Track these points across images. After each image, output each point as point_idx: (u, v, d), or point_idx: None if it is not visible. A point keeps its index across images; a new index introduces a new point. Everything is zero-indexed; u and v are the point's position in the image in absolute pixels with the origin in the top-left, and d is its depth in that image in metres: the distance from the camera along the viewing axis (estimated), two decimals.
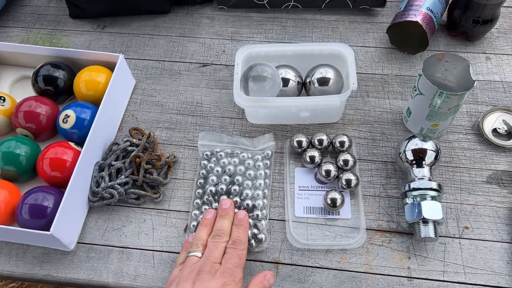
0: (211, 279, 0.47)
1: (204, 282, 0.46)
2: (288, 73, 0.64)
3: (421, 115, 0.60)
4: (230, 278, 0.47)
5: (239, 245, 0.51)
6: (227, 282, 0.46)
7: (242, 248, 0.51)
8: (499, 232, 0.56)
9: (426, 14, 0.67)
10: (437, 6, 0.68)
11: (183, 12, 0.80)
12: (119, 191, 0.59)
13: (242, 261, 0.50)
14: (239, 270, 0.49)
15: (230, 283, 0.47)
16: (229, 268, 0.48)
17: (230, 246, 0.51)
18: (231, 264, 0.49)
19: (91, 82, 0.65)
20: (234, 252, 0.50)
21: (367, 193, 0.60)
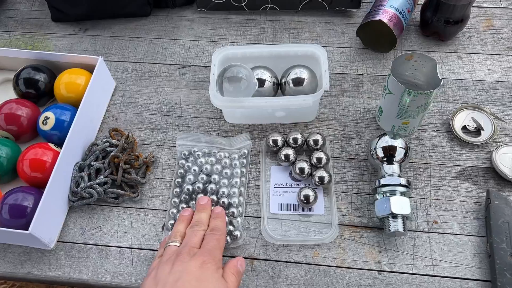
0: (190, 259, 0.47)
1: (184, 262, 0.47)
2: (264, 74, 0.66)
3: (392, 114, 0.62)
4: (209, 257, 0.48)
5: (217, 231, 0.52)
6: (206, 260, 0.47)
7: (220, 233, 0.52)
8: (466, 226, 0.58)
9: (390, 12, 0.69)
10: (402, 3, 0.70)
11: (163, 14, 0.82)
12: (98, 190, 0.60)
13: (220, 245, 0.51)
14: (218, 252, 0.50)
15: (210, 261, 0.47)
16: (208, 249, 0.49)
17: (209, 233, 0.52)
18: (209, 246, 0.50)
19: (71, 84, 0.67)
20: (212, 237, 0.51)
21: (340, 190, 0.61)
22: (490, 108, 0.67)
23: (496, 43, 0.74)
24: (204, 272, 0.46)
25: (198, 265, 0.47)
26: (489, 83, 0.69)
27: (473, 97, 0.68)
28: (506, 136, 0.64)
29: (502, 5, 0.78)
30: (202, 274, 0.46)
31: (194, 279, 0.46)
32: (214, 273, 0.47)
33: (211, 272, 0.47)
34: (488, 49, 0.73)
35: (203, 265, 0.47)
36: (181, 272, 0.46)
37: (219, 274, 0.48)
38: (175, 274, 0.46)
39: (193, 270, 0.46)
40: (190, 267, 0.46)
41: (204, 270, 0.47)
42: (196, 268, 0.46)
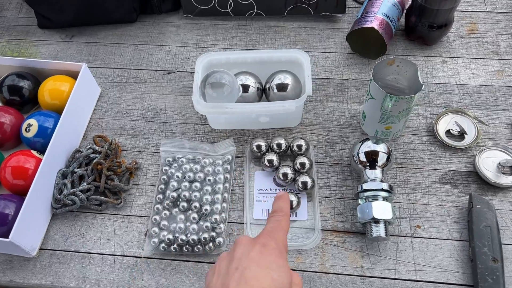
0: (249, 243, 0.43)
1: (242, 247, 0.42)
2: (248, 80, 0.66)
3: (375, 118, 0.62)
4: (269, 239, 0.43)
5: (279, 212, 0.47)
6: (266, 243, 0.42)
7: (282, 214, 0.47)
8: (449, 230, 0.58)
9: (382, 19, 0.69)
10: (392, 11, 0.71)
11: (150, 21, 0.82)
12: (80, 197, 0.60)
13: (282, 225, 0.45)
14: (281, 234, 0.44)
15: (270, 243, 0.42)
16: (268, 230, 0.44)
17: (270, 215, 0.47)
18: (269, 227, 0.45)
19: (55, 91, 0.67)
20: (273, 218, 0.46)
21: (324, 195, 0.61)
22: (474, 112, 0.67)
23: (481, 47, 0.74)
24: (266, 257, 0.41)
25: (258, 249, 0.41)
26: (473, 87, 0.70)
27: (457, 101, 0.68)
28: (489, 140, 0.64)
29: (486, 9, 0.79)
30: (262, 258, 0.41)
31: (255, 264, 0.40)
32: (277, 258, 0.41)
33: (274, 257, 0.41)
34: (472, 53, 0.73)
35: (264, 249, 0.41)
36: (240, 259, 0.41)
37: (282, 259, 0.42)
38: (234, 261, 0.41)
39: (252, 255, 0.41)
40: (250, 252, 0.41)
41: (265, 254, 0.41)
42: (256, 252, 0.41)
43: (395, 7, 0.71)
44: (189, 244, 0.57)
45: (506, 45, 0.74)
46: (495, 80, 0.70)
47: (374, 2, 0.72)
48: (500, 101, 0.68)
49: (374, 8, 0.71)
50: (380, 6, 0.70)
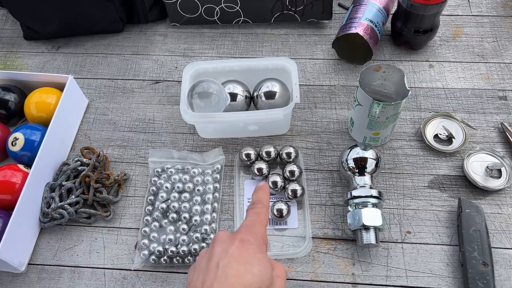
0: (228, 239, 0.42)
1: (221, 243, 0.42)
2: (236, 88, 0.66)
3: (363, 125, 0.62)
4: (248, 234, 0.42)
5: (257, 204, 0.46)
6: (244, 238, 0.42)
7: (261, 206, 0.46)
8: (439, 235, 0.58)
9: (366, 25, 0.69)
10: (377, 16, 0.71)
11: (136, 30, 0.81)
12: (69, 211, 0.59)
13: (261, 218, 0.45)
14: (259, 227, 0.44)
15: (249, 239, 0.42)
16: (246, 225, 0.44)
17: (249, 207, 0.47)
18: (248, 221, 0.44)
19: (41, 103, 0.66)
20: (252, 211, 0.46)
21: (314, 202, 0.61)
22: (462, 116, 0.67)
23: (467, 50, 0.75)
24: (245, 252, 0.41)
25: (237, 246, 0.41)
26: (460, 91, 0.70)
27: (445, 105, 0.69)
28: (477, 143, 0.65)
29: (472, 13, 0.79)
30: (241, 254, 0.40)
31: (235, 261, 0.40)
32: (256, 253, 0.41)
33: (253, 252, 0.41)
34: (458, 57, 0.74)
35: (242, 245, 0.41)
36: (219, 256, 0.41)
37: (262, 253, 0.42)
38: (214, 258, 0.41)
39: (231, 252, 0.40)
40: (228, 249, 0.41)
41: (244, 250, 0.41)
42: (235, 248, 0.41)
43: (379, 12, 0.71)
44: (179, 255, 0.57)
45: (492, 48, 0.74)
46: (482, 83, 0.71)
47: (358, 8, 0.72)
48: (487, 104, 0.68)
49: (359, 14, 0.71)
50: (364, 11, 0.71)
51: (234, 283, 0.38)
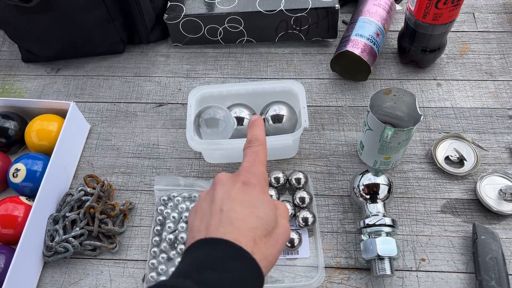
0: (229, 181, 0.41)
1: (223, 186, 0.40)
2: (242, 112, 0.64)
3: (373, 149, 0.61)
4: (249, 175, 0.40)
5: (254, 142, 0.44)
6: (246, 180, 0.40)
7: (258, 144, 0.44)
8: (454, 262, 0.57)
9: (356, 40, 0.69)
10: (367, 28, 0.70)
11: (138, 51, 0.80)
12: (73, 244, 0.58)
13: (260, 157, 0.43)
14: (259, 166, 0.42)
15: (250, 180, 0.40)
16: (246, 166, 0.42)
17: (246, 146, 0.44)
18: (247, 162, 0.42)
19: (43, 131, 0.64)
20: (249, 150, 0.44)
21: (325, 230, 0.60)
22: (472, 136, 0.66)
23: (474, 68, 0.74)
24: (248, 195, 0.39)
25: (240, 188, 0.39)
26: (470, 110, 0.69)
27: (454, 125, 0.68)
28: (489, 165, 0.63)
29: (478, 29, 0.78)
30: (245, 197, 0.39)
31: (239, 204, 0.38)
32: (260, 194, 0.40)
33: (256, 194, 0.39)
34: (466, 75, 0.73)
35: (245, 187, 0.39)
36: (222, 199, 0.39)
37: (265, 194, 0.40)
38: (217, 202, 0.39)
39: (234, 195, 0.39)
40: (231, 191, 0.39)
41: (247, 192, 0.39)
42: (238, 191, 0.39)
43: (369, 24, 0.70)
44: None
45: (499, 66, 0.73)
46: (491, 102, 0.70)
47: (350, 28, 0.72)
48: (497, 124, 0.67)
49: (349, 32, 0.70)
50: (354, 28, 0.70)
51: (240, 227, 0.37)
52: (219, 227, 0.37)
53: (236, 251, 0.36)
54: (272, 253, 0.38)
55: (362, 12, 0.72)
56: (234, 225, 0.37)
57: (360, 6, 0.74)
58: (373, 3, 0.73)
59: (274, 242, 0.39)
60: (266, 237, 0.38)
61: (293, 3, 0.73)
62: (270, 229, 0.39)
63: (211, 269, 0.35)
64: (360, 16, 0.71)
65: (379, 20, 0.71)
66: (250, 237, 0.37)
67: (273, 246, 0.38)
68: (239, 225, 0.37)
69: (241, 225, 0.37)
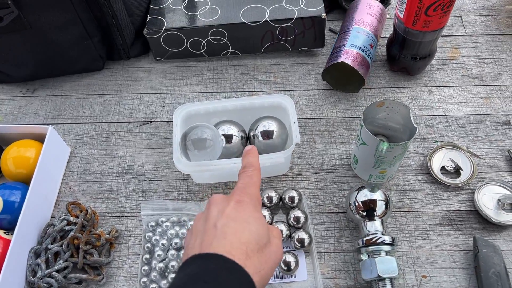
0: (223, 201, 0.42)
1: (217, 205, 0.42)
2: (230, 129, 0.62)
3: (368, 163, 0.59)
4: (242, 195, 0.42)
5: (249, 167, 0.46)
6: (240, 199, 0.42)
7: (252, 169, 0.45)
8: (456, 278, 0.55)
9: (351, 51, 0.66)
10: (362, 39, 0.67)
11: (118, 67, 0.76)
12: (57, 278, 0.54)
13: (254, 180, 0.44)
14: (253, 188, 0.44)
15: (244, 199, 0.42)
16: (240, 187, 0.43)
17: (241, 171, 0.46)
18: (241, 184, 0.44)
19: (20, 158, 0.61)
20: (244, 174, 0.45)
21: (322, 249, 0.58)
22: (467, 144, 0.65)
23: (465, 73, 0.72)
24: (241, 212, 0.41)
25: (233, 206, 0.41)
26: (463, 117, 0.67)
27: (448, 133, 0.66)
28: (485, 174, 0.62)
29: (466, 33, 0.77)
30: (238, 214, 0.41)
31: (232, 220, 0.40)
32: (253, 212, 0.41)
33: (249, 212, 0.41)
34: (457, 80, 0.71)
35: (238, 205, 0.41)
36: (216, 217, 0.41)
37: (258, 213, 0.42)
38: (211, 220, 0.41)
39: (228, 212, 0.41)
40: (225, 209, 0.41)
41: (241, 210, 0.41)
42: (232, 209, 0.41)
43: (364, 35, 0.68)
44: None
45: (490, 70, 0.72)
46: (484, 108, 0.68)
47: (343, 36, 0.69)
48: (491, 131, 0.66)
49: (343, 41, 0.68)
50: (348, 38, 0.68)
51: (233, 240, 0.38)
52: (212, 241, 0.38)
53: (228, 264, 0.37)
54: (265, 268, 0.39)
55: (355, 21, 0.70)
56: (227, 239, 0.38)
57: (353, 14, 0.71)
58: (367, 12, 0.70)
59: (267, 258, 0.40)
60: (258, 252, 0.39)
61: (278, 13, 0.70)
62: (263, 244, 0.40)
63: (204, 281, 0.36)
64: (353, 25, 0.69)
65: (372, 30, 0.69)
66: (242, 250, 0.38)
67: (265, 262, 0.40)
68: (232, 239, 0.38)
69: (234, 239, 0.38)
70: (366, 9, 0.71)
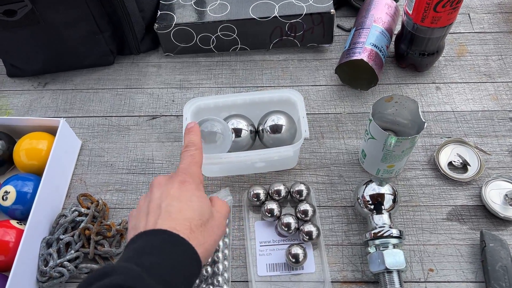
0: (167, 182, 0.45)
1: (161, 186, 0.45)
2: (240, 123, 0.62)
3: (376, 158, 0.59)
4: (186, 175, 0.46)
5: (191, 147, 0.49)
6: (183, 179, 0.45)
7: (194, 148, 0.49)
8: (463, 271, 0.55)
9: (370, 50, 0.67)
10: (380, 40, 0.68)
11: (128, 62, 0.77)
12: (69, 268, 0.55)
13: (196, 159, 0.48)
14: (195, 168, 0.47)
15: (187, 179, 0.45)
16: (183, 167, 0.47)
17: (183, 150, 0.49)
18: (184, 163, 0.47)
19: (32, 150, 0.62)
20: (186, 153, 0.48)
21: (330, 242, 0.58)
22: (474, 140, 0.65)
23: (473, 70, 0.72)
24: (185, 192, 0.44)
25: (177, 187, 0.45)
26: (470, 114, 0.68)
27: (456, 129, 0.66)
28: (493, 169, 0.62)
29: (474, 30, 0.77)
30: (182, 194, 0.44)
31: (176, 200, 0.43)
32: (195, 191, 0.45)
33: (192, 191, 0.45)
34: (465, 77, 0.72)
35: (182, 185, 0.45)
36: (159, 198, 0.44)
37: (201, 191, 0.46)
38: (155, 201, 0.44)
39: (171, 192, 0.44)
40: (169, 190, 0.44)
41: (184, 190, 0.44)
42: (175, 189, 0.44)
43: (383, 35, 0.69)
44: None
45: (498, 67, 0.72)
46: (491, 104, 0.69)
47: (361, 32, 0.69)
48: (498, 127, 0.66)
49: (362, 38, 0.68)
50: (368, 35, 0.68)
51: (177, 218, 0.42)
52: (157, 220, 0.41)
53: (173, 238, 0.40)
54: (208, 241, 0.43)
55: (374, 19, 0.70)
56: (171, 216, 0.42)
57: (371, 9, 0.71)
58: (385, 12, 0.71)
59: (210, 232, 0.44)
60: (202, 227, 0.43)
61: (287, 9, 0.71)
62: (205, 219, 0.43)
63: (150, 254, 0.38)
64: (372, 23, 0.69)
65: (389, 31, 0.70)
66: (186, 226, 0.41)
67: (209, 235, 0.43)
68: (176, 216, 0.42)
69: (178, 216, 0.42)
70: (385, 8, 0.71)
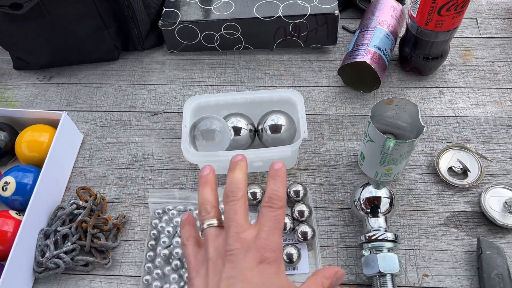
0: (244, 256, 0.35)
1: (236, 263, 0.35)
2: (239, 122, 0.63)
3: (374, 161, 0.59)
4: (267, 250, 0.35)
5: (276, 203, 0.37)
6: (264, 256, 0.35)
7: (280, 206, 0.38)
8: (458, 278, 0.55)
9: (374, 52, 0.66)
10: (384, 42, 0.68)
11: (132, 58, 0.78)
12: (65, 260, 0.56)
13: (280, 225, 0.37)
14: (277, 237, 0.36)
15: (269, 256, 0.35)
16: (264, 237, 0.36)
17: (266, 205, 0.38)
18: (266, 230, 0.36)
19: (33, 142, 0.62)
20: (269, 213, 0.37)
21: (325, 244, 0.58)
22: (476, 146, 0.64)
23: (477, 75, 0.72)
24: (264, 276, 0.35)
25: (255, 266, 0.35)
26: (473, 119, 0.67)
27: (457, 134, 0.66)
28: (493, 176, 0.62)
29: (481, 35, 0.77)
30: (261, 279, 0.34)
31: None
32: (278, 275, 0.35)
33: (274, 275, 0.35)
34: (469, 82, 0.71)
35: (262, 265, 0.35)
36: (234, 278, 0.34)
37: (283, 274, 0.36)
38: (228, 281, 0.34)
39: (249, 276, 0.34)
40: (245, 271, 0.34)
41: (264, 273, 0.35)
42: (253, 270, 0.35)
43: (387, 38, 0.68)
44: None
45: (503, 73, 0.72)
46: (495, 110, 0.68)
47: (365, 34, 0.69)
48: (501, 133, 0.65)
49: (366, 40, 0.68)
50: (371, 38, 0.68)
51: None
52: None
53: None
54: None
55: (379, 21, 0.69)
56: None
57: (377, 12, 0.71)
58: (391, 14, 0.70)
59: None
60: None
61: (291, 10, 0.71)
62: None
63: None
64: (377, 25, 0.69)
65: (394, 34, 0.69)
66: None
67: None
68: None
69: None
70: (390, 11, 0.71)
